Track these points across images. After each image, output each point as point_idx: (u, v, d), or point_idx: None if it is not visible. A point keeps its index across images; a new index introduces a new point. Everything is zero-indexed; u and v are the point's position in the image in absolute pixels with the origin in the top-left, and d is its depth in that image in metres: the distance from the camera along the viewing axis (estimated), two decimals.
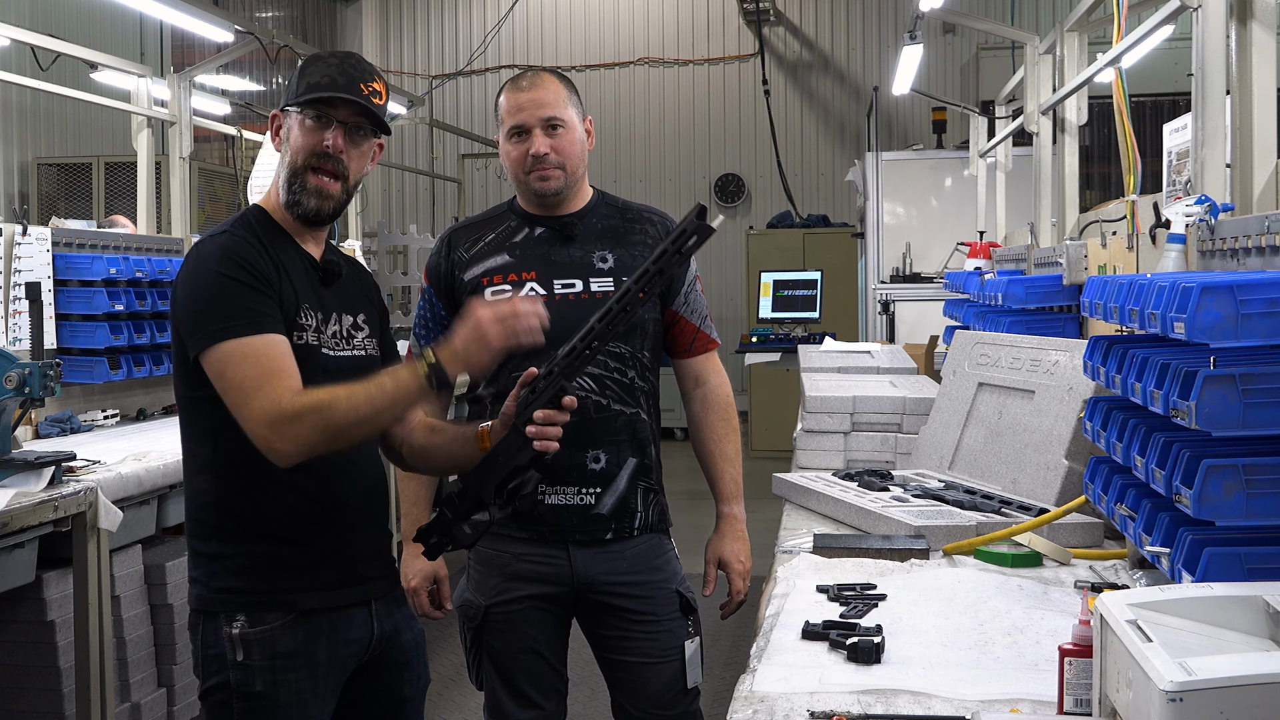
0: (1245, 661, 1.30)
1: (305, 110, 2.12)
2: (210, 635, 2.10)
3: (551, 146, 2.53)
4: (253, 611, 2.08)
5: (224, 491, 2.12)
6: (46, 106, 9.52)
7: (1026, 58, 5.23)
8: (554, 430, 2.06)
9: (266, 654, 2.08)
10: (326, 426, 1.97)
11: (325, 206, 2.15)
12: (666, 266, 1.96)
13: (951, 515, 2.66)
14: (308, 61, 2.18)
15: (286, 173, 2.15)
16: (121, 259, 4.80)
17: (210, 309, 2.03)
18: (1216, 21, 2.60)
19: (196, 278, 2.07)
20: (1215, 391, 1.73)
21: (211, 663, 2.10)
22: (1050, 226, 4.99)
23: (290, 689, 2.09)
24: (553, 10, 13.72)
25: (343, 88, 2.12)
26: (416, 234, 7.73)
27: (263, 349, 2.01)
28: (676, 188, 13.46)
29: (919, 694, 1.72)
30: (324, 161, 2.13)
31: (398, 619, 2.27)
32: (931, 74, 12.05)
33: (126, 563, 3.80)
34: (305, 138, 2.13)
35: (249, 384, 1.98)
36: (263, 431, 1.97)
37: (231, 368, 2.00)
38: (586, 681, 4.17)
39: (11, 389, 3.24)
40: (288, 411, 1.95)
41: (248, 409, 1.98)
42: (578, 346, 2.04)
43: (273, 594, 2.10)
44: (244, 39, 5.85)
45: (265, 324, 2.03)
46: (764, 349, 7.74)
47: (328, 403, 1.97)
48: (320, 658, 2.12)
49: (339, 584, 2.15)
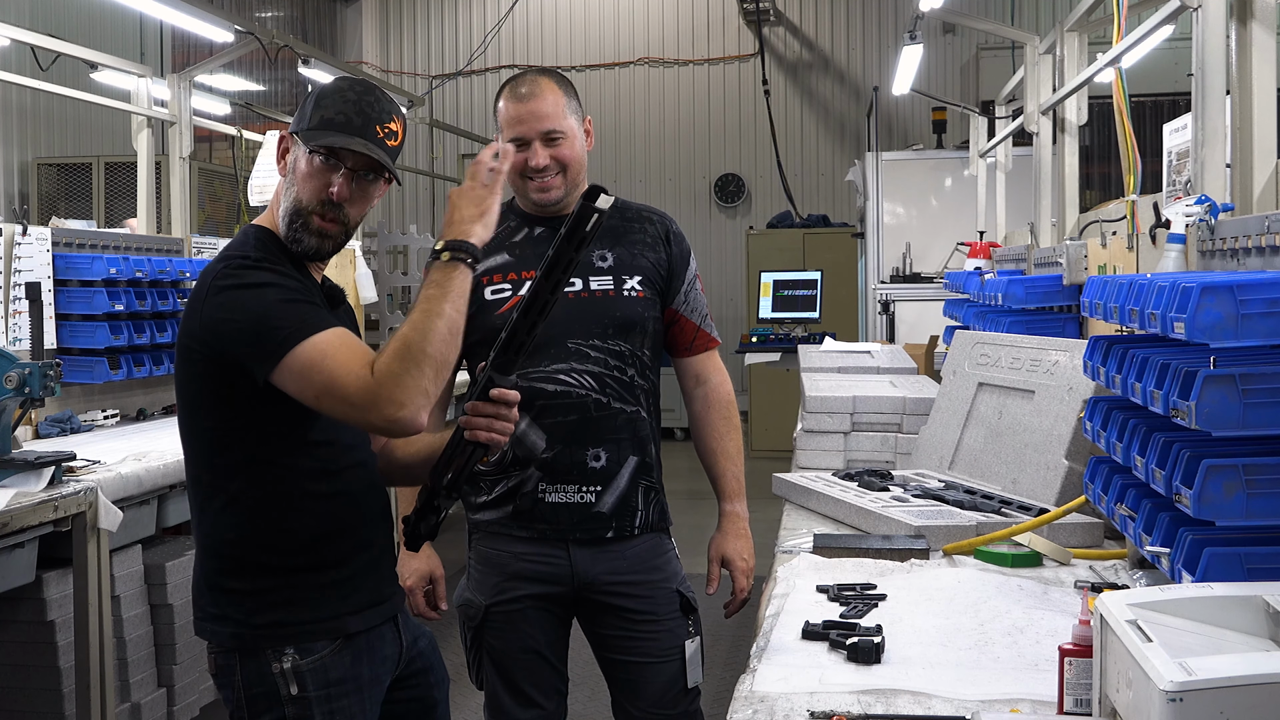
0: (1245, 661, 1.30)
1: (313, 150, 2.05)
2: (254, 673, 2.03)
3: (552, 157, 2.53)
4: (301, 642, 2.04)
5: (258, 525, 2.05)
6: (46, 106, 9.53)
7: (1026, 58, 5.24)
8: (480, 420, 1.98)
9: (321, 683, 2.04)
10: (420, 362, 1.88)
11: (325, 246, 2.11)
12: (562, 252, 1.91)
13: (951, 515, 2.66)
14: (326, 92, 2.10)
15: (290, 208, 2.08)
16: (121, 259, 4.80)
17: (280, 316, 1.94)
18: (1216, 21, 2.60)
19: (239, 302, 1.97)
20: (1215, 391, 1.73)
21: (259, 702, 2.04)
22: (1050, 226, 5.00)
23: (345, 715, 2.06)
24: (553, 10, 13.72)
25: (358, 129, 2.05)
26: (416, 234, 7.73)
27: (336, 341, 1.93)
28: (676, 188, 13.47)
29: (919, 694, 1.72)
30: (328, 209, 2.07)
31: (413, 627, 2.28)
32: (931, 74, 12.05)
33: (126, 563, 3.80)
34: (313, 179, 2.06)
35: (337, 378, 1.89)
36: (376, 413, 1.87)
37: (313, 371, 1.91)
38: (586, 681, 4.17)
39: (11, 389, 3.24)
40: (380, 377, 1.87)
41: (348, 402, 1.89)
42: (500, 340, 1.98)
43: (319, 622, 2.06)
44: (244, 39, 5.85)
45: (325, 322, 1.96)
46: (764, 349, 7.74)
47: (402, 343, 1.90)
48: (365, 679, 2.10)
49: (373, 603, 2.14)
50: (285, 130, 2.15)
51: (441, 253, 1.97)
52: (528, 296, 1.94)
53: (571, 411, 2.49)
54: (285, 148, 2.13)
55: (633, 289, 2.57)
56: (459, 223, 2.00)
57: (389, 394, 1.87)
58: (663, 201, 12.59)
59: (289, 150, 2.12)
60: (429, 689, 2.28)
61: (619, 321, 2.54)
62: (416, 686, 2.26)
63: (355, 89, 2.11)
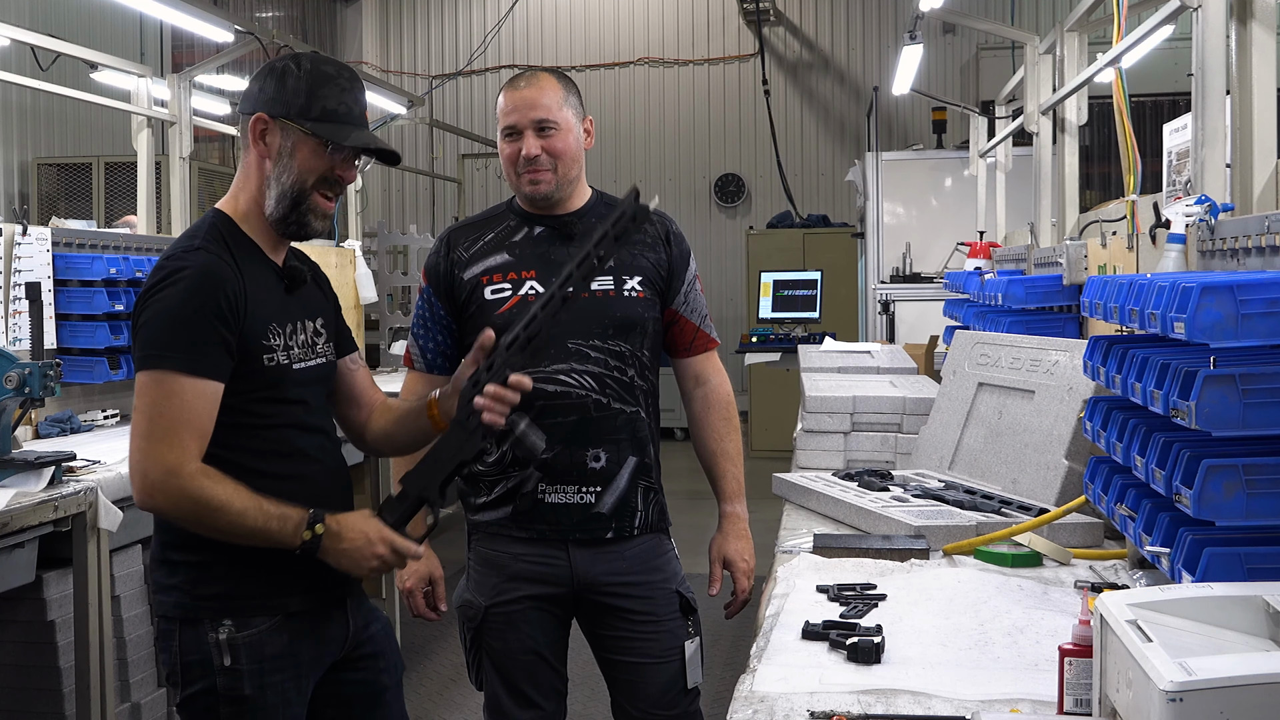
0: (1245, 661, 1.30)
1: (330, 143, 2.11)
2: (191, 641, 2.10)
3: (543, 148, 2.53)
4: (240, 616, 2.09)
5: None
6: (46, 106, 9.52)
7: (1026, 58, 5.23)
8: (500, 406, 2.06)
9: (255, 658, 2.09)
10: (200, 519, 2.01)
11: (326, 226, 2.19)
12: (607, 250, 2.03)
13: (951, 515, 2.66)
14: (319, 79, 2.13)
15: (289, 190, 2.11)
16: (121, 259, 4.80)
17: (161, 332, 2.01)
18: (1216, 21, 2.60)
19: (162, 294, 2.03)
20: (1215, 391, 1.73)
21: (193, 669, 2.10)
22: (1050, 226, 4.99)
23: (276, 691, 2.11)
24: (553, 10, 13.72)
25: (357, 119, 2.14)
26: (416, 234, 7.73)
27: (191, 395, 1.99)
28: (676, 188, 13.46)
29: (919, 694, 1.72)
30: (331, 188, 2.14)
31: (365, 612, 2.30)
32: (931, 74, 12.05)
33: (126, 563, 3.79)
34: (312, 161, 2.11)
35: (162, 425, 1.97)
36: (152, 477, 1.97)
37: (153, 400, 1.99)
38: (586, 681, 4.17)
39: (11, 389, 3.24)
40: (187, 484, 1.97)
41: (149, 448, 1.98)
42: (520, 334, 2.06)
43: (259, 598, 2.11)
44: (244, 39, 5.85)
45: (205, 367, 2.01)
46: (764, 349, 7.74)
47: (217, 508, 1.99)
48: (303, 658, 2.15)
49: (318, 585, 2.16)
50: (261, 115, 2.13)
51: (311, 538, 2.03)
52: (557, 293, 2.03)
53: (571, 412, 2.49)
54: (262, 129, 2.12)
55: (633, 289, 2.57)
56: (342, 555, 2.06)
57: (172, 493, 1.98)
58: (663, 201, 12.53)
59: (268, 133, 2.12)
60: (377, 674, 2.30)
61: (619, 322, 2.54)
62: (364, 670, 2.28)
63: (344, 75, 2.17)
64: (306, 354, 2.19)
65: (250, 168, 2.16)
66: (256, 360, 2.09)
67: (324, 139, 2.10)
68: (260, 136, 2.13)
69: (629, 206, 2.03)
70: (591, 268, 2.05)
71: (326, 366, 2.26)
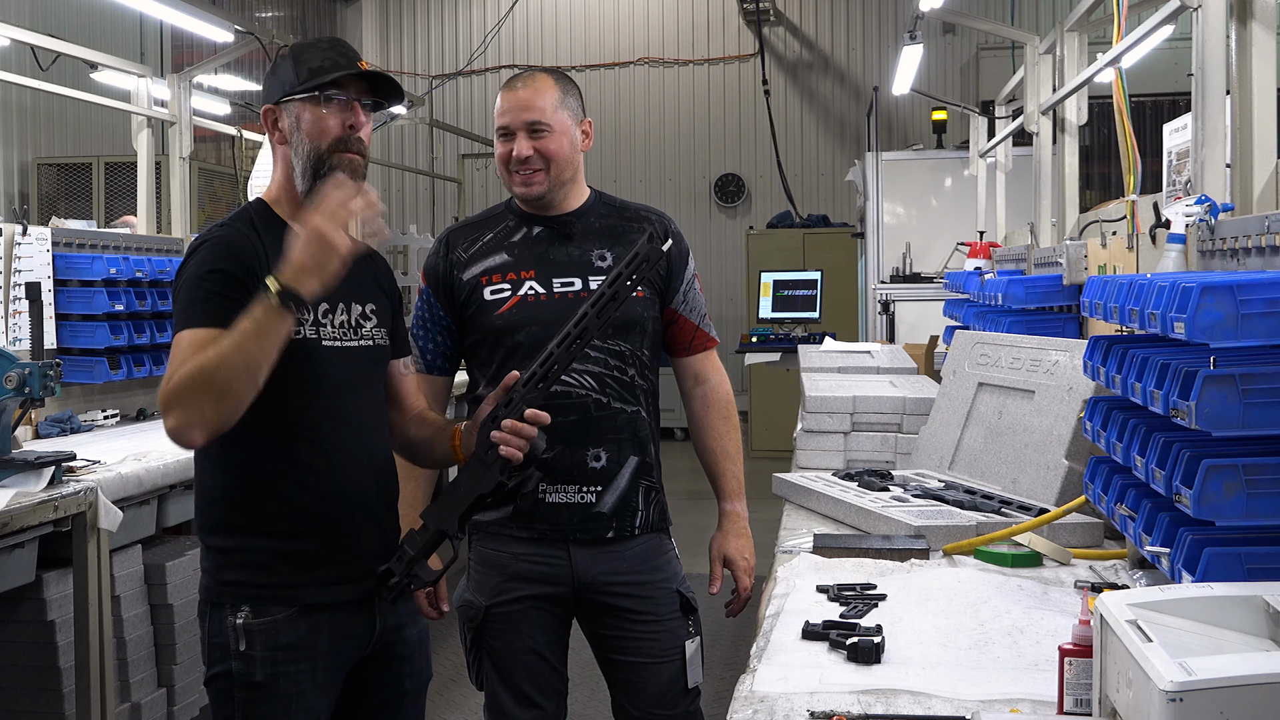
0: (1245, 661, 1.30)
1: (321, 95, 2.14)
2: (216, 624, 2.14)
3: (535, 149, 2.53)
4: (257, 604, 2.12)
5: (232, 487, 2.14)
6: (46, 106, 9.52)
7: (1026, 58, 5.23)
8: (518, 440, 2.09)
9: (268, 645, 2.11)
10: (206, 387, 1.93)
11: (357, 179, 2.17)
12: (620, 291, 2.07)
13: (951, 515, 2.66)
14: (300, 49, 2.20)
15: (309, 160, 2.16)
16: (121, 259, 4.80)
17: (179, 300, 2.09)
18: (1216, 21, 2.60)
19: (184, 269, 2.13)
20: (1215, 391, 1.73)
21: (216, 651, 2.15)
22: (1050, 226, 5.00)
23: (290, 680, 2.12)
24: (553, 10, 13.72)
25: (348, 65, 2.16)
26: (416, 234, 7.74)
27: (190, 340, 2.02)
28: (676, 188, 13.46)
29: (919, 694, 1.72)
30: (349, 145, 2.16)
31: (402, 613, 2.29)
32: (931, 74, 12.05)
33: (126, 563, 3.79)
34: (320, 123, 2.15)
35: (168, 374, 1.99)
36: (165, 418, 1.98)
37: (172, 356, 2.03)
38: (586, 681, 4.17)
39: (11, 389, 3.24)
40: (169, 391, 1.96)
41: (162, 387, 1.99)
42: (537, 372, 2.11)
43: (276, 588, 2.13)
44: (244, 39, 5.85)
45: (212, 319, 2.02)
46: (764, 349, 7.74)
47: (199, 364, 1.95)
48: (321, 650, 2.15)
49: (343, 579, 2.16)
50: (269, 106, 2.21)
51: (276, 290, 1.94)
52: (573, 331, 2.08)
53: (571, 411, 2.49)
54: (274, 118, 2.21)
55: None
56: (310, 269, 1.96)
57: (174, 408, 1.96)
58: (663, 201, 12.59)
59: (279, 119, 2.20)
60: (401, 679, 2.30)
61: (619, 321, 2.53)
62: (389, 672, 2.28)
63: (324, 40, 2.24)
64: (345, 334, 2.19)
65: (277, 157, 2.23)
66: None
67: (312, 89, 2.14)
68: (273, 126, 2.21)
69: (644, 249, 2.07)
70: (605, 307, 2.08)
71: (372, 350, 2.23)
